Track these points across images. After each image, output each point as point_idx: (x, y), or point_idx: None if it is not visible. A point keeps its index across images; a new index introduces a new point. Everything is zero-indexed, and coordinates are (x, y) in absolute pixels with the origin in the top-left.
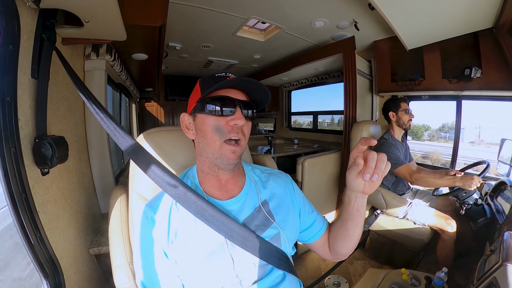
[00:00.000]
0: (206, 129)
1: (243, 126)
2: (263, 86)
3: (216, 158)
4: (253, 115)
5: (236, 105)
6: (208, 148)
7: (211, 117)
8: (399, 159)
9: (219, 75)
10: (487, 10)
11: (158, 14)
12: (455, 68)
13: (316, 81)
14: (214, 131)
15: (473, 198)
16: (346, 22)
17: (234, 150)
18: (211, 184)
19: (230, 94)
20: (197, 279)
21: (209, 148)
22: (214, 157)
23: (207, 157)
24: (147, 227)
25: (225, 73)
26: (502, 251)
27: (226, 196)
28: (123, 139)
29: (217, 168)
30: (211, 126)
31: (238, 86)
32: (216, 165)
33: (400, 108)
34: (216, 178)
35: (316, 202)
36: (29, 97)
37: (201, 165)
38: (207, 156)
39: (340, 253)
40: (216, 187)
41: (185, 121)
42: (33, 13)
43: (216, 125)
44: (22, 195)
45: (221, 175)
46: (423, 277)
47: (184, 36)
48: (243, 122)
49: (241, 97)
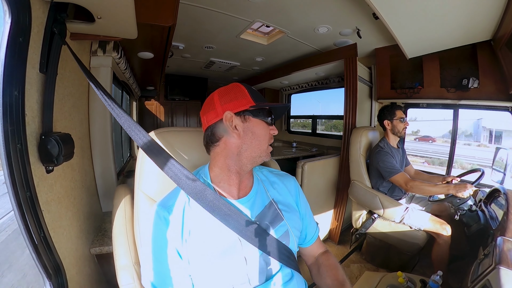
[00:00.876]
0: (260, 133)
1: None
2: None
3: (260, 156)
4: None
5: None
6: (256, 148)
7: (265, 124)
8: (394, 167)
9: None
10: (486, 23)
11: (169, 14)
12: (453, 77)
13: (316, 85)
14: (265, 136)
15: (468, 204)
16: (349, 29)
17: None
18: (229, 183)
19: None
20: (208, 278)
21: (258, 148)
22: (259, 156)
23: (249, 157)
24: (161, 227)
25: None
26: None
27: (237, 195)
28: (140, 135)
29: (250, 166)
30: (265, 132)
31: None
32: (252, 163)
33: (395, 116)
34: (238, 178)
35: (314, 205)
36: (36, 92)
37: (232, 164)
38: (249, 155)
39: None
40: (234, 185)
41: (235, 121)
42: (45, 6)
43: (267, 131)
44: (26, 193)
45: (242, 175)
46: (419, 280)
47: (188, 36)
48: (277, 132)
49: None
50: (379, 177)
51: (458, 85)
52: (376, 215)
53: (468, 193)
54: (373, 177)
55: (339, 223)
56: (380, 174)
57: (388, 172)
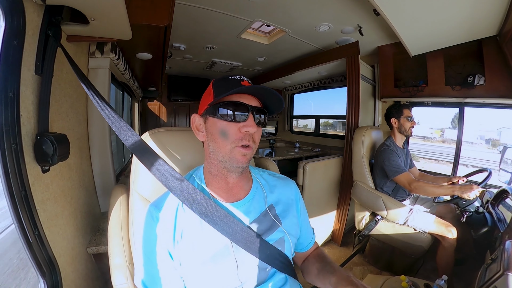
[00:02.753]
0: (216, 134)
1: (254, 133)
2: (278, 94)
3: (226, 161)
4: (265, 121)
5: (249, 111)
6: (218, 151)
7: (223, 122)
8: (399, 166)
9: (233, 78)
10: (491, 18)
11: (164, 14)
12: (458, 75)
13: (319, 85)
14: (225, 136)
15: (474, 206)
16: (351, 27)
17: (244, 153)
18: (218, 186)
19: (243, 100)
20: (199, 281)
21: (219, 151)
22: (224, 160)
23: (217, 160)
24: (151, 225)
25: (239, 76)
26: (503, 260)
27: (232, 198)
28: (128, 136)
29: (226, 170)
30: (222, 132)
31: (256, 92)
32: (226, 168)
33: (403, 115)
34: (224, 181)
35: (316, 206)
36: (32, 93)
37: (209, 167)
38: (216, 158)
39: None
40: (223, 189)
41: (196, 123)
42: (39, 9)
43: (227, 130)
44: (21, 192)
45: (229, 177)
46: (423, 284)
47: (189, 37)
48: (254, 129)
49: (254, 103)
50: (384, 176)
51: (464, 82)
52: (379, 216)
53: (474, 194)
54: (377, 176)
55: (342, 225)
56: (384, 173)
57: (393, 171)
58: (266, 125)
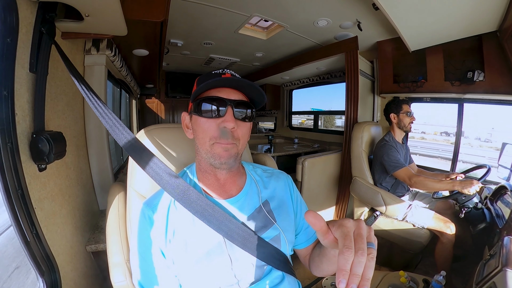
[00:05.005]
0: (198, 130)
1: (236, 129)
2: (254, 85)
3: (209, 158)
4: (252, 114)
5: (227, 105)
6: (201, 147)
7: (203, 118)
8: (399, 161)
9: (215, 72)
10: (492, 14)
11: (160, 10)
12: (457, 70)
13: (317, 80)
14: (204, 132)
15: (473, 202)
16: (350, 22)
17: (226, 148)
18: (209, 182)
19: (222, 94)
20: (194, 279)
21: (202, 148)
22: (208, 156)
23: (202, 157)
24: (145, 227)
25: (222, 70)
26: (502, 256)
27: (225, 195)
28: (122, 135)
29: (213, 167)
30: (202, 128)
31: (229, 85)
32: (212, 164)
33: (402, 110)
34: (214, 177)
35: (315, 201)
36: (27, 91)
37: (199, 163)
38: (201, 155)
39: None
40: (215, 186)
41: (185, 120)
42: (32, 6)
43: (206, 127)
44: (18, 191)
45: (219, 174)
46: (421, 280)
47: (186, 33)
48: (232, 124)
49: (234, 96)
50: (383, 172)
51: (463, 78)
52: (378, 212)
53: (474, 190)
54: (377, 171)
55: None
56: (384, 169)
57: (392, 166)
58: (254, 118)
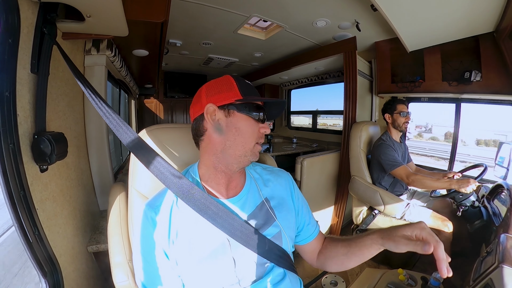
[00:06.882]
0: (245, 130)
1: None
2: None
3: (245, 156)
4: None
5: (265, 115)
6: (240, 145)
7: (252, 120)
8: (396, 160)
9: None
10: (488, 15)
11: (161, 10)
12: (455, 71)
13: (316, 80)
14: (252, 133)
15: (470, 200)
16: (348, 22)
17: (260, 150)
18: (218, 182)
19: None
20: (197, 279)
21: (242, 146)
22: (244, 154)
23: (234, 154)
24: (148, 228)
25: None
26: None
27: (227, 194)
28: (126, 134)
29: (237, 165)
30: (252, 128)
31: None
32: (239, 162)
33: (396, 110)
34: (227, 176)
35: (314, 201)
36: (28, 92)
37: (216, 162)
38: (234, 153)
39: (327, 269)
40: (223, 185)
41: (217, 115)
42: (34, 7)
43: (255, 128)
44: (20, 193)
45: (233, 173)
46: (420, 277)
47: (185, 33)
48: (269, 131)
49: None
50: (381, 171)
51: (460, 78)
52: (376, 211)
53: (471, 189)
54: (375, 171)
55: (340, 220)
56: (381, 168)
57: (389, 165)
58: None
